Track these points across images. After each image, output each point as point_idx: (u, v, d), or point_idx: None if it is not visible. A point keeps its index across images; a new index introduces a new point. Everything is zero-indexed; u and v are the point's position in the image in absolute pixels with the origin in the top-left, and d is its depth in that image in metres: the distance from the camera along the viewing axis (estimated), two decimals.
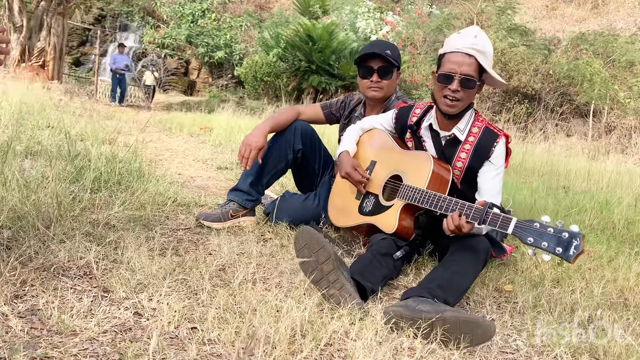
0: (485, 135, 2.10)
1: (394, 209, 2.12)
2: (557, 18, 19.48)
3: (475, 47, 2.00)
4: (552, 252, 1.60)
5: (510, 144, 2.17)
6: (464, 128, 2.12)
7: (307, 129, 2.76)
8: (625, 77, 13.65)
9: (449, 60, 2.03)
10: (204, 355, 1.34)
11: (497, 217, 1.74)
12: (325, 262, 1.73)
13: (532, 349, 1.64)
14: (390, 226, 2.10)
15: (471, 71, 2.00)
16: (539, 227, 1.64)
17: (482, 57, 2.00)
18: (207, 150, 5.53)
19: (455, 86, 2.01)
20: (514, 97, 13.46)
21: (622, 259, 2.50)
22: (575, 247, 1.56)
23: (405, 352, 1.51)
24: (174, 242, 2.23)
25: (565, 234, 1.58)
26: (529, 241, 1.64)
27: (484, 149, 2.08)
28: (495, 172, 2.08)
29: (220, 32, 21.25)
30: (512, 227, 1.69)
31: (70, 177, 2.71)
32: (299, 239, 1.80)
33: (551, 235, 1.61)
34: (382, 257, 1.98)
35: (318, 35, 15.10)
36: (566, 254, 1.57)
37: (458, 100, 2.03)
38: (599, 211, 3.55)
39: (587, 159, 7.96)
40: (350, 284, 1.74)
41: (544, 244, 1.61)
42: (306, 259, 1.76)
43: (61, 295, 1.56)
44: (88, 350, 1.29)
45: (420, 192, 2.01)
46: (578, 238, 1.56)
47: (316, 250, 1.75)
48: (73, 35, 23.37)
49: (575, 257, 1.55)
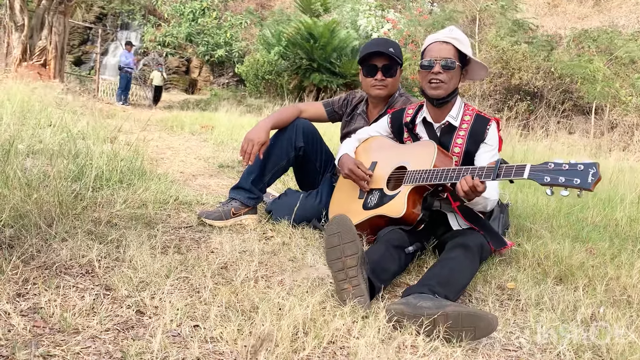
0: (478, 121, 2.23)
1: (402, 194, 2.14)
2: (559, 15, 19.42)
3: (451, 35, 2.19)
4: (571, 185, 1.62)
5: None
6: (457, 115, 2.24)
7: (309, 127, 2.75)
8: (627, 74, 13.61)
9: (428, 50, 2.22)
10: (206, 353, 1.34)
11: (511, 167, 1.79)
12: (351, 256, 1.73)
13: (534, 346, 1.64)
14: (399, 210, 2.10)
15: (449, 55, 2.17)
16: (553, 166, 1.68)
17: (458, 42, 2.18)
18: (209, 149, 5.52)
19: (437, 69, 2.16)
20: (516, 95, 13.44)
21: (625, 256, 2.49)
22: (592, 175, 1.59)
23: (408, 349, 1.50)
24: (176, 240, 2.23)
25: (580, 166, 1.62)
26: (546, 180, 1.67)
27: (478, 133, 2.20)
28: (493, 152, 2.19)
29: (221, 31, 21.24)
30: (528, 171, 1.73)
31: (72, 176, 2.71)
32: (333, 224, 1.80)
33: (567, 170, 1.64)
34: (394, 249, 1.99)
35: (319, 33, 15.07)
36: (585, 182, 1.59)
37: (442, 82, 2.16)
38: (602, 209, 3.54)
39: (589, 157, 7.93)
40: (365, 285, 1.74)
41: (561, 179, 1.64)
42: (335, 245, 1.76)
43: (63, 294, 1.56)
44: (90, 348, 1.29)
45: (428, 172, 2.05)
46: (594, 166, 1.60)
47: (346, 241, 1.75)
48: (74, 34, 23.37)
49: (594, 184, 1.58)
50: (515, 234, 2.77)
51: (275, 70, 15.90)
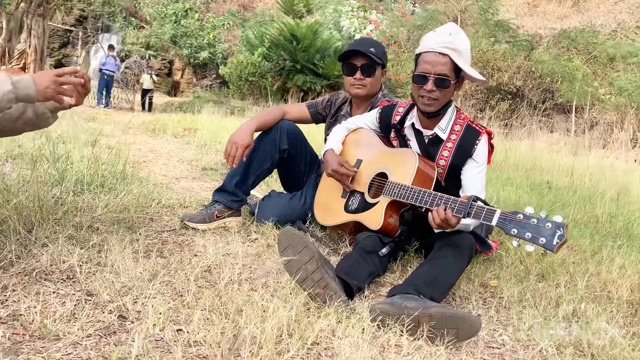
0: (467, 133, 2.11)
1: (380, 206, 2.13)
2: (538, 15, 19.66)
3: (449, 45, 1.99)
4: (536, 243, 1.61)
5: (494, 141, 2.18)
6: (446, 127, 2.13)
7: (293, 129, 2.75)
8: (606, 72, 13.83)
9: (424, 60, 2.04)
10: (190, 357, 1.33)
11: (481, 209, 1.75)
12: (309, 262, 1.72)
13: (517, 343, 1.65)
14: (376, 223, 2.10)
15: (445, 70, 2.00)
16: (522, 218, 1.65)
17: (457, 55, 1.99)
18: (192, 151, 5.49)
19: (430, 86, 2.01)
20: (497, 95, 13.58)
21: (605, 252, 2.53)
22: (558, 237, 1.57)
23: (392, 349, 1.51)
24: (159, 244, 2.21)
25: (548, 224, 1.60)
26: (513, 232, 1.65)
27: (466, 147, 2.10)
28: (479, 170, 2.10)
29: (204, 32, 21.14)
30: (497, 219, 1.70)
31: (53, 180, 2.68)
32: (282, 240, 1.80)
33: (534, 225, 1.62)
34: (367, 254, 1.99)
35: (302, 35, 15.09)
36: (550, 243, 1.58)
37: (435, 99, 2.04)
38: (582, 205, 3.59)
39: (570, 155, 8.05)
40: (335, 283, 1.73)
41: (527, 235, 1.62)
42: (290, 258, 1.76)
43: (44, 300, 1.54)
44: (72, 354, 1.28)
45: (406, 188, 2.02)
46: (561, 228, 1.58)
47: (299, 250, 1.75)
48: (54, 36, 23.11)
49: (558, 246, 1.57)
50: (498, 231, 2.80)
51: (258, 71, 15.88)
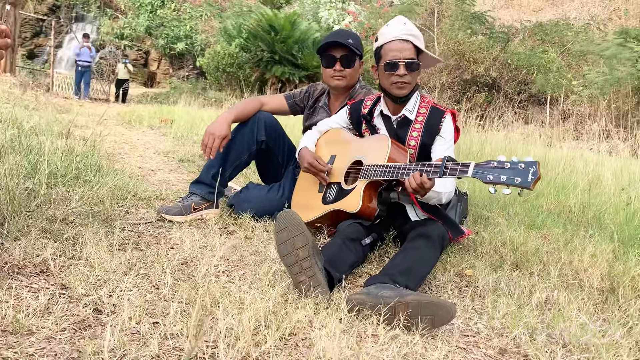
0: (433, 113, 2.26)
1: (357, 190, 2.17)
2: (514, 8, 19.88)
3: (409, 32, 2.19)
4: (512, 184, 1.67)
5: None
6: (413, 108, 2.27)
7: (271, 120, 2.74)
8: (579, 65, 14.06)
9: (390, 49, 2.19)
10: (166, 349, 1.32)
11: (456, 165, 1.82)
12: (302, 248, 1.74)
13: (492, 331, 1.68)
14: (355, 205, 2.13)
15: (412, 54, 2.18)
16: (496, 165, 1.72)
17: (417, 40, 2.20)
18: (168, 143, 5.42)
19: (402, 71, 2.17)
20: (474, 87, 13.69)
21: (577, 241, 2.58)
22: (532, 174, 1.64)
23: (368, 338, 1.52)
24: (135, 236, 2.19)
25: (521, 164, 1.66)
26: (489, 178, 1.71)
27: (433, 126, 2.23)
28: (447, 145, 2.23)
29: (180, 23, 20.84)
30: (472, 170, 1.77)
31: (25, 172, 2.62)
32: (281, 221, 1.80)
33: (508, 169, 1.69)
34: (351, 242, 2.02)
35: (280, 25, 14.98)
36: (525, 181, 1.64)
37: (407, 82, 2.18)
38: (556, 196, 3.66)
39: (545, 146, 8.16)
40: (322, 274, 1.75)
41: (502, 178, 1.69)
42: (284, 240, 1.76)
43: (16, 294, 1.51)
44: (45, 349, 1.26)
45: (381, 167, 2.09)
46: (534, 165, 1.64)
47: (295, 234, 1.76)
48: (26, 26, 22.55)
49: (534, 182, 1.63)
50: (473, 222, 2.83)
51: (236, 62, 15.73)
